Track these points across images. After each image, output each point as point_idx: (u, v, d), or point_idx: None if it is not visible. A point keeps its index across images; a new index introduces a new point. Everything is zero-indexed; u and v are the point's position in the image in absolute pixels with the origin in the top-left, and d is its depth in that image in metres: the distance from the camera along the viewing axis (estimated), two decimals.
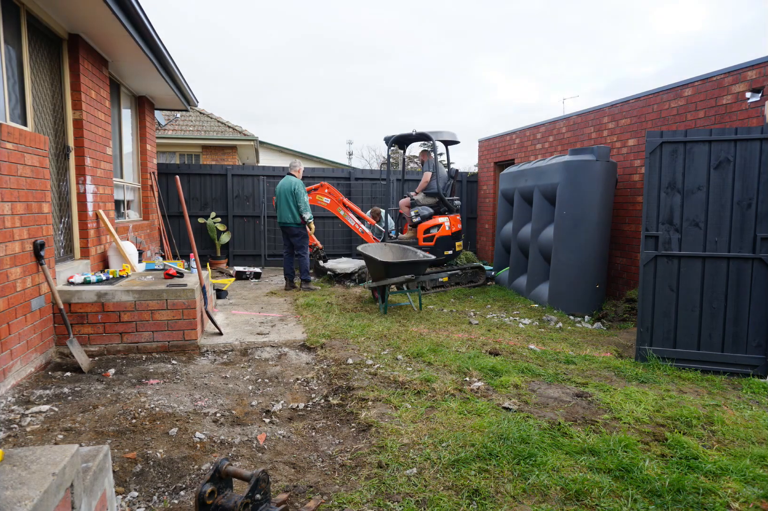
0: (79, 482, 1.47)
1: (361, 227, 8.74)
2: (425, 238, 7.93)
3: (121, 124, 7.16)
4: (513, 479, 2.53)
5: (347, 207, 8.68)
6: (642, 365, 4.50)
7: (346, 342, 4.96)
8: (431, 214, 8.03)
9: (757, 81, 5.23)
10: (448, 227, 7.99)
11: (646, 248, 4.62)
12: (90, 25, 5.08)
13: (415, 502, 2.33)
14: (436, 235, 7.92)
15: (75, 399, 3.52)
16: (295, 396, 3.73)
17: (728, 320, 4.40)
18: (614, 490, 2.45)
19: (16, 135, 3.66)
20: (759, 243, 4.27)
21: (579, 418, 3.27)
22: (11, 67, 4.25)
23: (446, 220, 7.99)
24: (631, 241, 6.90)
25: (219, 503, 1.80)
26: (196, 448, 2.87)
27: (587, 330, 5.83)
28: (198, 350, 4.73)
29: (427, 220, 7.98)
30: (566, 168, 6.57)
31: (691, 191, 4.49)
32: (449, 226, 8.01)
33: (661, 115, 6.47)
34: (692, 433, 3.09)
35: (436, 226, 7.94)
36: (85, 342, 4.46)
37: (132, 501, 2.37)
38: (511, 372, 4.10)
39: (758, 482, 2.52)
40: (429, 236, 7.93)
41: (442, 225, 7.94)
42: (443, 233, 7.95)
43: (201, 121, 16.15)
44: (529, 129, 9.66)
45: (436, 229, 7.94)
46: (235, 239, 10.72)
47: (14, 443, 2.85)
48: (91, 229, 5.46)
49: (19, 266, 3.73)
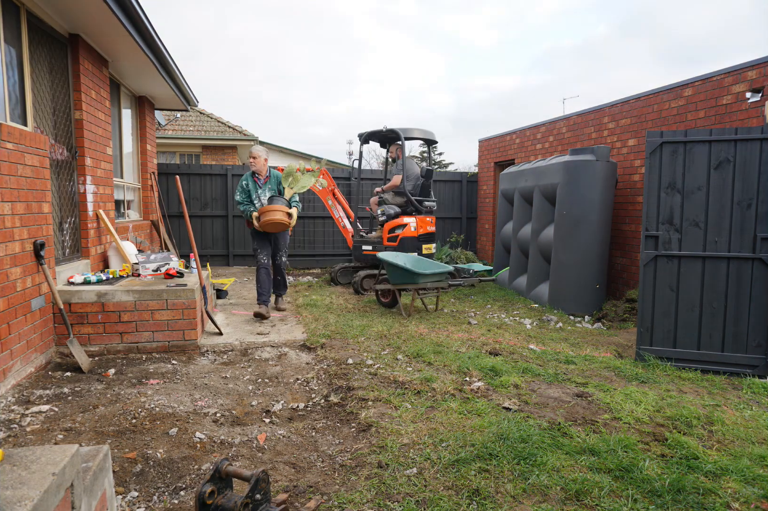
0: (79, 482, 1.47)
1: (344, 221, 8.58)
2: (389, 238, 7.74)
3: (121, 124, 7.16)
4: (513, 479, 2.53)
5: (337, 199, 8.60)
6: (642, 365, 4.50)
7: (346, 342, 4.96)
8: (398, 213, 7.81)
9: (757, 81, 5.23)
10: (414, 228, 7.71)
11: (646, 248, 4.62)
12: (90, 25, 5.08)
13: (415, 502, 2.33)
14: (400, 236, 7.67)
15: (75, 399, 3.52)
16: (295, 396, 3.73)
17: (728, 320, 4.40)
18: (614, 490, 2.45)
19: (16, 135, 3.66)
20: (759, 243, 4.27)
21: (579, 418, 3.27)
22: (11, 67, 4.25)
23: (413, 221, 7.73)
24: (631, 241, 6.90)
25: (219, 503, 1.80)
26: (196, 448, 2.87)
27: (587, 330, 5.83)
28: (198, 350, 4.73)
29: (393, 219, 7.78)
30: (566, 168, 6.57)
31: (691, 191, 4.49)
32: (415, 227, 7.73)
33: (661, 115, 6.47)
34: (692, 433, 3.09)
35: (401, 226, 7.70)
36: (85, 342, 4.46)
37: (132, 501, 2.37)
38: (511, 372, 4.10)
39: (758, 482, 2.52)
40: (393, 236, 7.72)
41: (408, 225, 7.69)
42: (408, 234, 7.68)
43: (201, 121, 16.15)
44: (529, 129, 9.66)
45: (401, 230, 7.69)
46: (235, 239, 10.72)
47: (14, 443, 2.85)
48: (91, 229, 5.46)
49: (19, 266, 3.73)
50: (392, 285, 6.36)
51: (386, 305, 6.75)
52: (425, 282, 6.22)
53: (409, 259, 6.82)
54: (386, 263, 6.35)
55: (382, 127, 7.93)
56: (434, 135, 8.36)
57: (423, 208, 7.97)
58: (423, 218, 7.88)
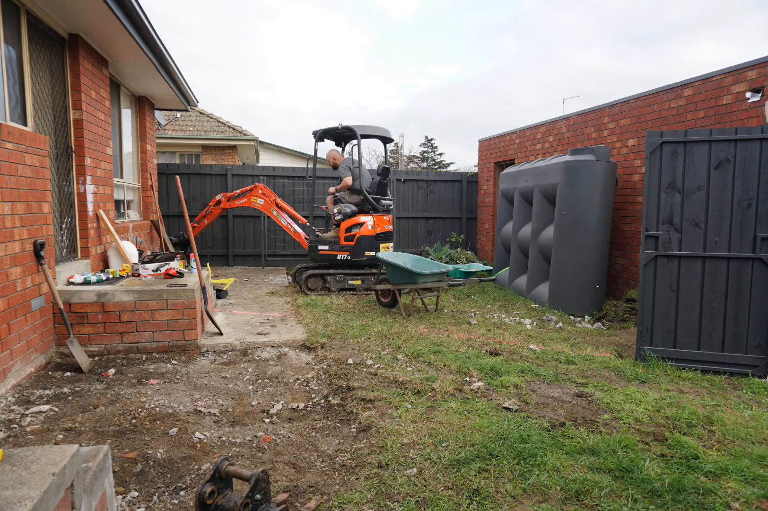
0: (79, 482, 1.47)
1: (293, 227, 8.53)
2: (346, 237, 7.68)
3: (121, 124, 7.16)
4: (513, 479, 2.53)
5: (280, 207, 8.51)
6: (642, 365, 4.50)
7: (346, 342, 4.96)
8: (354, 212, 7.76)
9: (757, 81, 5.23)
10: (371, 227, 7.66)
11: (646, 248, 4.62)
12: (90, 25, 5.08)
13: (415, 502, 2.33)
14: (357, 235, 7.61)
15: (75, 399, 3.52)
16: (295, 396, 3.73)
17: (728, 319, 4.40)
18: (614, 490, 2.45)
19: (16, 135, 3.66)
20: (759, 243, 4.27)
21: (579, 418, 3.27)
22: (11, 67, 4.25)
23: (369, 220, 7.65)
24: (631, 242, 6.90)
25: (219, 503, 1.80)
26: (196, 448, 2.87)
27: (587, 330, 5.83)
28: (198, 350, 4.73)
29: (350, 218, 7.73)
30: (566, 168, 6.57)
31: (691, 191, 4.49)
32: (372, 225, 7.68)
33: (661, 115, 6.47)
34: (692, 433, 3.09)
35: (358, 225, 7.64)
36: (85, 342, 4.46)
37: (132, 501, 2.37)
38: (511, 372, 4.10)
39: (758, 482, 2.52)
40: (350, 235, 7.66)
41: (365, 224, 7.62)
42: (365, 233, 7.63)
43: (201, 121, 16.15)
44: (529, 129, 9.66)
45: (358, 228, 7.63)
46: (235, 239, 10.72)
47: (14, 443, 2.85)
48: (91, 229, 5.46)
49: (19, 266, 3.73)
50: (392, 285, 6.36)
51: (386, 305, 6.75)
52: (425, 282, 6.22)
53: (409, 259, 6.82)
54: (386, 263, 6.35)
55: (338, 125, 7.86)
56: (389, 132, 8.32)
57: (380, 206, 7.94)
58: (380, 217, 7.83)
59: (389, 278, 6.39)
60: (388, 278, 6.41)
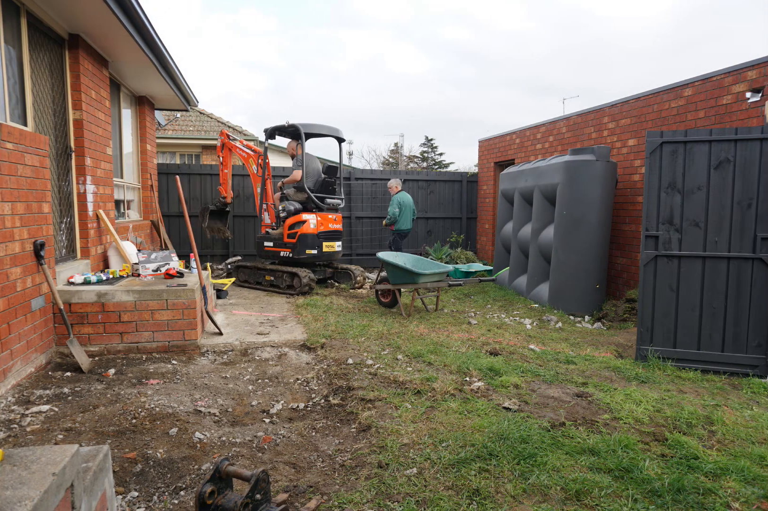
0: (79, 482, 1.47)
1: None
2: (288, 235, 7.71)
3: (121, 124, 7.16)
4: (513, 479, 2.53)
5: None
6: (642, 365, 4.50)
7: (346, 342, 4.96)
8: (298, 210, 7.78)
9: (757, 81, 5.23)
10: (313, 225, 7.66)
11: (646, 248, 4.62)
12: (90, 25, 5.08)
13: (416, 502, 2.33)
14: (299, 233, 7.62)
15: (75, 399, 3.52)
16: (295, 396, 3.73)
17: (728, 320, 4.40)
18: (614, 490, 2.45)
19: (17, 135, 3.66)
20: (759, 243, 4.27)
21: (579, 418, 3.27)
22: (11, 67, 4.25)
23: (312, 218, 7.67)
24: (631, 241, 6.90)
25: (219, 503, 1.80)
26: (196, 448, 2.87)
27: (587, 330, 5.83)
28: (198, 350, 4.73)
29: (293, 215, 7.75)
30: (566, 168, 6.57)
31: (691, 191, 4.49)
32: (315, 224, 7.68)
33: (661, 115, 6.47)
34: (692, 433, 3.09)
35: (300, 222, 7.67)
36: (85, 342, 4.46)
37: (132, 501, 2.37)
38: (511, 372, 4.10)
39: (758, 482, 2.52)
40: (292, 233, 7.69)
41: (307, 222, 7.63)
42: (307, 231, 7.62)
43: (201, 121, 16.15)
44: (529, 129, 9.66)
45: (300, 226, 7.65)
46: (235, 239, 10.72)
47: (14, 443, 2.85)
48: (91, 229, 5.46)
49: (19, 266, 3.73)
50: (392, 285, 6.36)
51: (386, 305, 6.75)
52: (425, 282, 6.23)
53: (409, 259, 6.82)
54: (386, 263, 6.35)
55: (285, 122, 7.88)
56: (341, 132, 8.35)
57: (324, 205, 7.95)
58: (325, 215, 7.84)
59: (389, 278, 6.39)
60: (389, 278, 6.42)
